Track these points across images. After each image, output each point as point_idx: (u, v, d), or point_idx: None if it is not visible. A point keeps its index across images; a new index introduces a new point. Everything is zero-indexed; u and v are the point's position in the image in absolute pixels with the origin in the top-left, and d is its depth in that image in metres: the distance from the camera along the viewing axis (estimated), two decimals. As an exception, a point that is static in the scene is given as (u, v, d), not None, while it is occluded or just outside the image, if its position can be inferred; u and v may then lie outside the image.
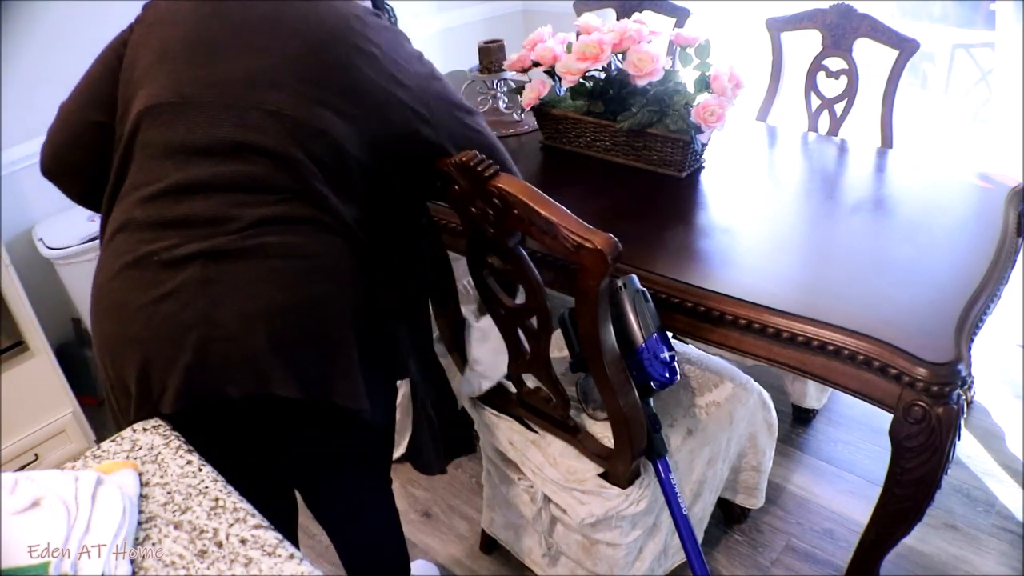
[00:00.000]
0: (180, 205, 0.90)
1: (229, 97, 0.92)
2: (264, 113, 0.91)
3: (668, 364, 1.16)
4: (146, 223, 0.91)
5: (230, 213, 0.90)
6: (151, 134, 0.93)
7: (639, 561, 1.38)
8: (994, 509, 1.72)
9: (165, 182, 0.91)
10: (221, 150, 0.91)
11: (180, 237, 0.89)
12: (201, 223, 0.90)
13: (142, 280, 0.89)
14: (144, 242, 0.90)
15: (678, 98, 1.56)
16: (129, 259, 0.91)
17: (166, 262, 0.89)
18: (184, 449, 0.88)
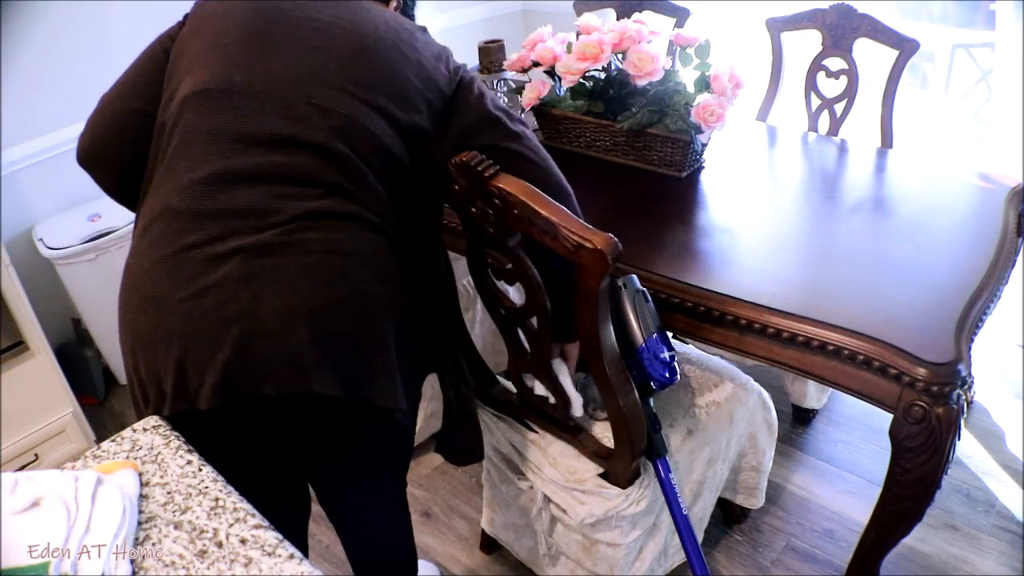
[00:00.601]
0: (222, 195, 0.89)
1: (279, 89, 0.92)
2: (313, 108, 0.92)
3: (668, 364, 1.16)
4: (186, 212, 0.89)
5: (273, 205, 0.89)
6: (196, 119, 0.92)
7: (639, 561, 1.38)
8: (994, 509, 1.72)
9: (207, 169, 0.90)
10: (267, 140, 0.91)
11: (221, 229, 0.88)
12: (243, 215, 0.88)
13: (182, 273, 0.87)
14: (183, 232, 0.89)
15: (678, 98, 1.56)
16: (167, 251, 0.89)
17: (208, 256, 0.87)
18: (184, 449, 0.88)
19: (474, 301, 1.87)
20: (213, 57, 0.95)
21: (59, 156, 2.20)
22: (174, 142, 0.94)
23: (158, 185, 0.94)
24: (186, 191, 0.90)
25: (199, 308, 0.86)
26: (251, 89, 0.92)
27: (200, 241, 0.88)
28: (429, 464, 2.00)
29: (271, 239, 0.88)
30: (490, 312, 1.26)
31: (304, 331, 0.87)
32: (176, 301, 0.87)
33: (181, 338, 0.87)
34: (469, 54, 2.07)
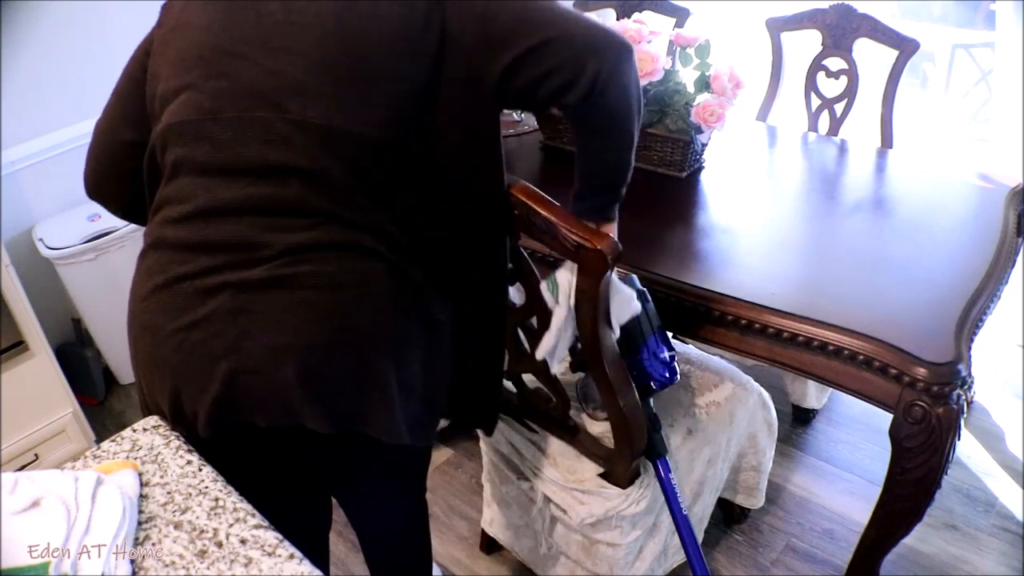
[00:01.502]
0: (209, 228, 0.87)
1: (252, 109, 0.86)
2: (290, 124, 0.85)
3: (668, 364, 1.16)
4: (176, 244, 0.89)
5: (262, 239, 0.86)
6: (179, 151, 0.89)
7: (639, 561, 1.38)
8: (994, 509, 1.72)
9: (193, 204, 0.88)
10: (251, 170, 0.86)
11: (211, 262, 0.86)
12: (232, 249, 0.86)
13: (173, 304, 0.88)
14: (175, 263, 0.88)
15: (678, 98, 1.56)
16: (160, 281, 0.89)
17: (198, 289, 0.86)
18: (184, 449, 0.88)
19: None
20: (181, 82, 0.89)
21: (59, 156, 2.20)
22: (164, 173, 0.92)
23: (155, 211, 0.94)
24: (176, 225, 0.89)
25: (189, 341, 0.86)
26: (225, 114, 0.86)
27: (191, 273, 0.87)
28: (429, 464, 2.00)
29: (260, 274, 0.85)
30: (490, 312, 1.26)
31: (291, 369, 0.85)
32: (168, 332, 0.87)
33: (173, 369, 0.88)
34: (469, 54, 2.07)
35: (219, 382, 0.85)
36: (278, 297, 0.85)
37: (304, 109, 0.85)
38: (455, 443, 2.05)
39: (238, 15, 0.89)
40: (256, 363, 0.85)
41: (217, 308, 0.85)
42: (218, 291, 0.85)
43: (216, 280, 0.85)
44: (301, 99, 0.85)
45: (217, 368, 0.85)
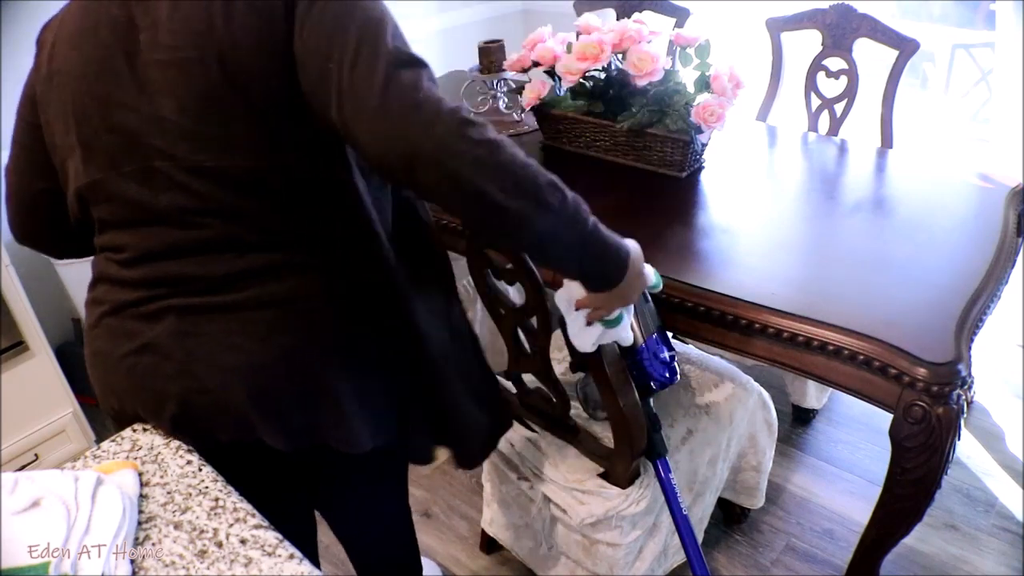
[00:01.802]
0: (146, 269, 0.89)
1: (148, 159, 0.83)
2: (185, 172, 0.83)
3: (668, 364, 1.16)
4: (119, 280, 0.91)
5: (197, 273, 0.87)
6: (99, 210, 0.90)
7: (639, 561, 1.38)
8: (994, 509, 1.72)
9: (128, 253, 0.89)
10: (167, 218, 0.86)
11: (153, 292, 0.88)
12: (171, 283, 0.88)
13: (120, 330, 0.90)
14: (120, 292, 0.91)
15: (678, 98, 1.56)
16: (107, 308, 0.91)
17: (143, 314, 0.88)
18: (184, 449, 0.88)
19: (474, 301, 1.87)
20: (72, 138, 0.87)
21: (59, 156, 2.20)
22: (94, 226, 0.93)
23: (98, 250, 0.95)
24: (119, 265, 0.91)
25: (139, 366, 0.88)
26: (124, 170, 0.85)
27: (134, 301, 0.89)
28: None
29: (202, 300, 0.87)
30: (490, 312, 1.26)
31: (241, 390, 0.86)
32: (118, 358, 0.90)
33: (129, 394, 0.92)
34: (469, 54, 2.07)
35: (175, 403, 0.88)
36: (221, 319, 0.87)
37: (195, 154, 0.82)
38: (455, 443, 2.05)
39: (109, 60, 0.84)
40: (206, 384, 0.86)
41: (162, 332, 0.87)
42: (163, 315, 0.87)
43: (159, 305, 0.88)
44: (188, 144, 0.82)
45: (169, 390, 0.88)
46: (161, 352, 0.87)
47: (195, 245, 0.86)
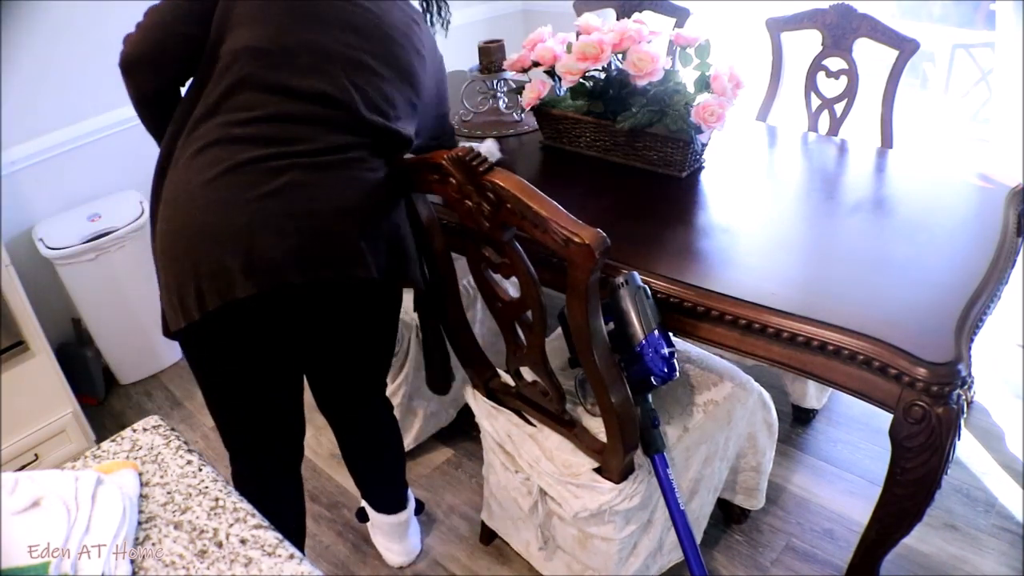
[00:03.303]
0: (274, 128, 1.10)
1: (322, 61, 1.12)
2: (349, 82, 1.13)
3: (667, 360, 1.17)
4: (245, 138, 1.09)
5: (317, 136, 1.11)
6: (252, 69, 1.11)
7: (633, 557, 1.38)
8: (994, 509, 1.72)
9: (263, 110, 1.10)
10: (310, 95, 1.11)
11: (278, 149, 1.09)
12: (294, 141, 1.10)
13: (248, 181, 1.07)
14: (244, 151, 1.08)
15: (678, 98, 1.56)
16: (229, 164, 1.07)
17: (270, 168, 1.07)
18: (184, 449, 0.88)
19: (474, 301, 1.87)
20: (266, 18, 1.12)
21: (59, 156, 2.20)
22: (226, 82, 1.11)
23: (209, 116, 1.12)
24: (245, 124, 1.10)
25: (266, 208, 1.06)
26: (299, 57, 1.11)
27: (261, 157, 1.08)
28: (429, 464, 2.00)
29: (320, 159, 1.10)
30: (488, 306, 1.27)
31: (355, 228, 1.11)
32: (245, 201, 1.06)
33: (251, 231, 1.05)
34: (469, 54, 2.07)
35: (295, 237, 1.07)
36: (335, 175, 1.12)
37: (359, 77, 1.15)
38: (455, 443, 2.05)
39: None
40: (325, 223, 1.09)
41: (288, 182, 1.08)
42: (287, 170, 1.08)
43: (285, 162, 1.08)
44: (359, 70, 1.15)
45: (293, 225, 1.07)
46: (288, 197, 1.07)
47: (322, 118, 1.12)
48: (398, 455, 1.60)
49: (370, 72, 1.16)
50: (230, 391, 1.25)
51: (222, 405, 1.28)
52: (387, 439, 1.55)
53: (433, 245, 1.30)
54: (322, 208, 1.09)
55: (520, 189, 1.02)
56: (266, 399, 1.28)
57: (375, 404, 1.49)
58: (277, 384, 1.28)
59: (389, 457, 1.57)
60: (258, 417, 1.30)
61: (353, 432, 1.51)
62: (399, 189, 1.23)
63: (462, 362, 1.46)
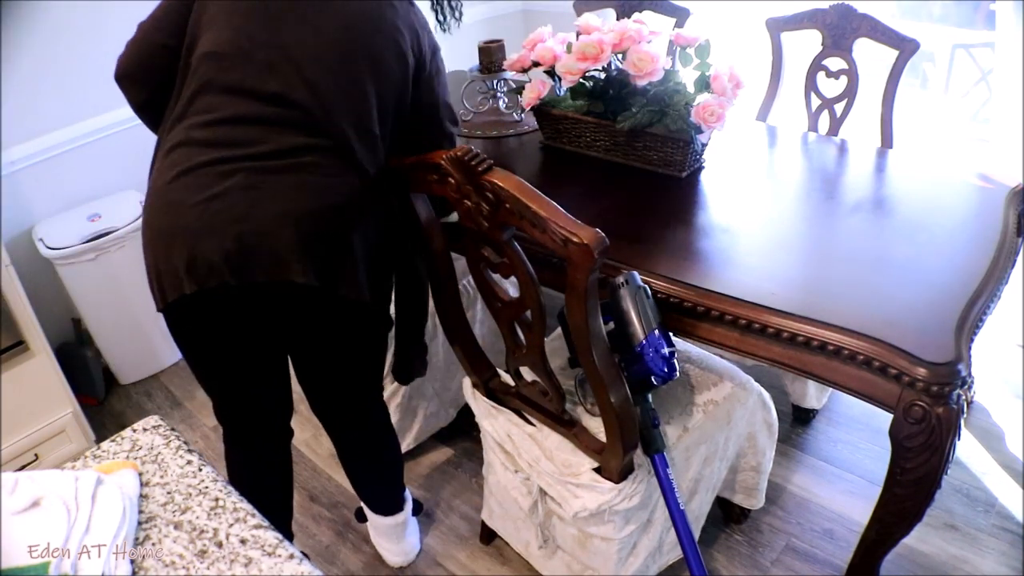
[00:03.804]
0: (232, 130, 1.13)
1: (278, 61, 1.14)
2: (304, 80, 1.14)
3: (668, 360, 1.17)
4: (202, 141, 1.12)
5: (270, 139, 1.13)
6: (212, 73, 1.14)
7: (633, 557, 1.38)
8: (994, 509, 1.72)
9: (220, 113, 1.13)
10: (267, 97, 1.13)
11: (229, 153, 1.11)
12: (247, 144, 1.12)
13: (197, 184, 1.10)
14: (198, 155, 1.12)
15: (678, 98, 1.56)
16: (185, 167, 1.11)
17: (218, 172, 1.10)
18: (184, 449, 0.88)
19: (474, 301, 1.87)
20: (228, 22, 1.15)
21: (59, 156, 2.20)
22: (192, 87, 1.15)
23: (179, 119, 1.16)
24: (203, 128, 1.13)
25: (210, 210, 1.09)
26: (256, 56, 1.13)
27: (212, 160, 1.11)
28: (429, 464, 2.00)
29: (269, 161, 1.12)
30: (488, 306, 1.27)
31: (291, 232, 1.10)
32: (190, 205, 1.10)
33: (194, 233, 1.09)
34: (469, 54, 2.07)
35: (232, 241, 1.08)
36: (282, 179, 1.12)
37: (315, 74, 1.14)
38: (455, 443, 2.05)
39: None
40: (263, 227, 1.10)
41: (233, 185, 1.10)
42: (234, 173, 1.10)
43: (232, 166, 1.11)
44: (315, 67, 1.14)
45: (231, 230, 1.08)
46: (230, 200, 1.09)
47: (277, 119, 1.13)
48: (394, 457, 1.60)
49: (332, 72, 1.15)
50: (207, 372, 1.32)
51: (207, 386, 1.36)
52: (382, 442, 1.55)
53: (433, 245, 1.30)
54: (261, 212, 1.10)
55: (519, 189, 1.02)
56: (241, 386, 1.34)
57: (368, 408, 1.50)
58: (257, 378, 1.33)
59: (384, 459, 1.58)
60: (240, 403, 1.37)
61: (346, 435, 1.52)
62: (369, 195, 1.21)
63: (462, 362, 1.46)
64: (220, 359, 1.28)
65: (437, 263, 1.33)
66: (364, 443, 1.53)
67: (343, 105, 1.16)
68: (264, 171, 1.11)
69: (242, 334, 1.25)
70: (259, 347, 1.30)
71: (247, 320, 1.22)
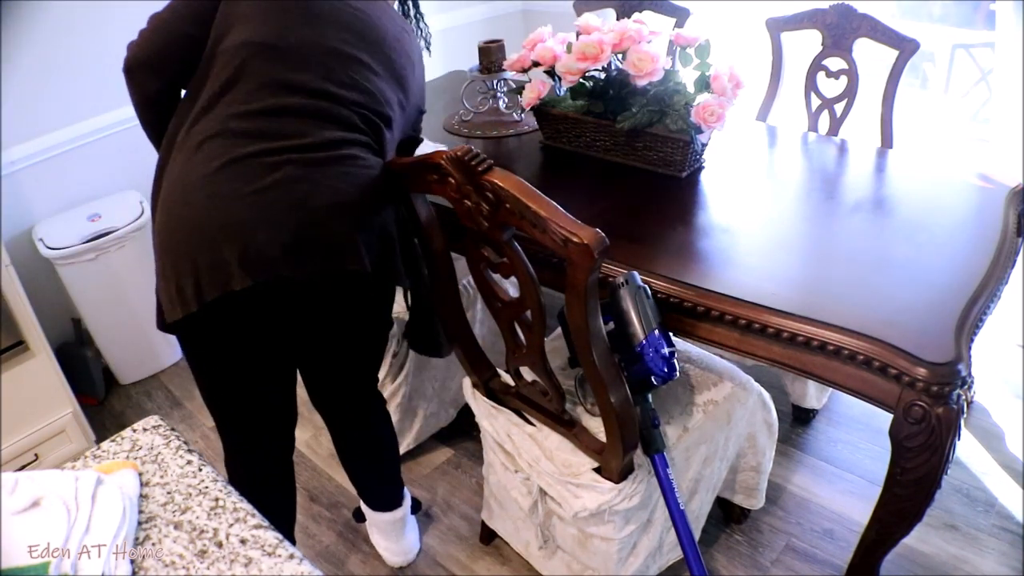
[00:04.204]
0: (272, 122, 1.13)
1: (321, 57, 1.17)
2: (346, 76, 1.18)
3: (668, 360, 1.17)
4: (243, 132, 1.12)
5: (312, 131, 1.14)
6: (252, 63, 1.14)
7: (633, 557, 1.38)
8: (994, 509, 1.72)
9: (261, 104, 1.13)
10: (308, 90, 1.15)
11: (274, 144, 1.12)
12: (292, 136, 1.13)
13: (245, 175, 1.10)
14: (241, 146, 1.11)
15: (678, 98, 1.56)
16: (228, 159, 1.10)
17: (266, 163, 1.10)
18: (184, 449, 0.88)
19: (474, 300, 1.87)
20: (269, 15, 1.17)
21: (59, 156, 2.20)
22: (225, 75, 1.15)
23: (207, 110, 1.15)
24: (243, 118, 1.13)
25: (263, 202, 1.09)
26: (301, 51, 1.16)
27: (258, 151, 1.11)
28: (429, 464, 2.00)
29: (314, 154, 1.13)
30: (488, 306, 1.27)
31: (345, 221, 1.14)
32: (242, 195, 1.09)
33: (249, 225, 1.09)
34: (469, 54, 2.07)
35: (290, 232, 1.10)
36: (329, 170, 1.14)
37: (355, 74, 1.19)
38: (455, 443, 2.05)
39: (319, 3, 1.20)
40: (319, 216, 1.12)
41: (285, 176, 1.11)
42: (282, 165, 1.11)
43: (279, 157, 1.12)
44: (355, 67, 1.20)
45: (290, 219, 1.10)
46: (284, 190, 1.10)
47: (320, 113, 1.16)
48: (393, 451, 1.61)
49: (367, 69, 1.20)
50: (223, 382, 1.29)
51: (215, 395, 1.32)
52: (381, 434, 1.56)
53: (433, 245, 1.30)
54: (316, 203, 1.12)
55: (519, 189, 1.02)
56: (257, 392, 1.32)
57: (368, 398, 1.50)
58: (269, 378, 1.32)
59: (384, 453, 1.58)
60: (250, 409, 1.34)
61: (347, 427, 1.52)
62: (389, 188, 1.25)
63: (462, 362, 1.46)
64: (240, 361, 1.26)
65: (437, 263, 1.33)
66: (365, 435, 1.53)
67: (378, 105, 1.21)
68: (311, 163, 1.13)
69: (265, 333, 1.24)
70: (277, 345, 1.29)
71: (273, 317, 1.22)
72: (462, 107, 2.01)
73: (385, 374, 1.82)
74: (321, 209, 1.12)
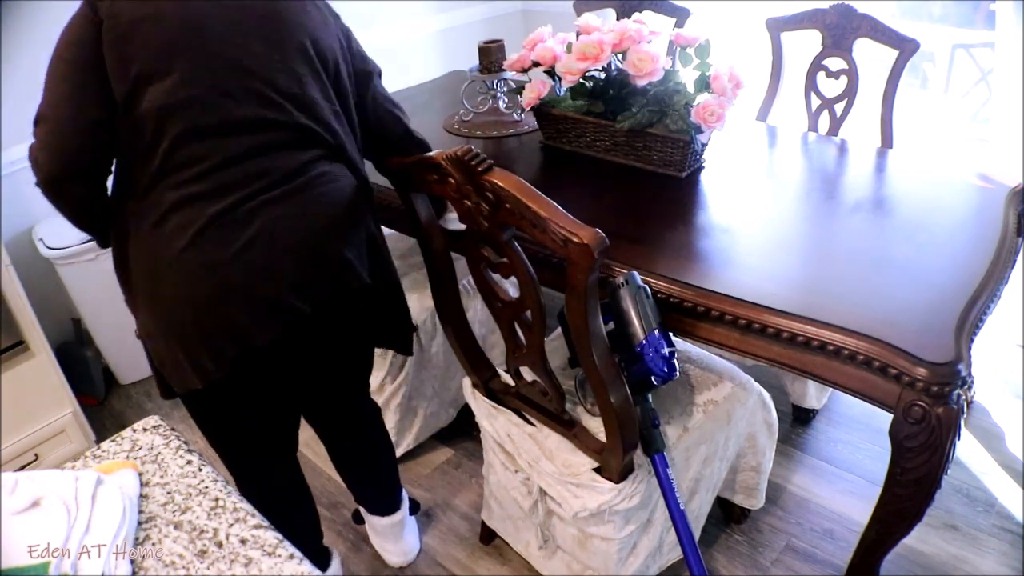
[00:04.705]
0: (235, 169, 1.07)
1: (247, 82, 1.08)
2: (279, 94, 1.10)
3: (668, 360, 1.17)
4: (205, 193, 1.06)
5: (275, 166, 1.10)
6: (183, 124, 1.04)
7: (633, 557, 1.38)
8: (994, 509, 1.72)
9: (212, 160, 1.06)
10: (254, 125, 1.09)
11: (241, 193, 1.07)
12: (254, 178, 1.08)
13: (222, 237, 1.06)
14: (209, 207, 1.06)
15: (678, 98, 1.56)
16: (200, 225, 1.05)
17: (240, 216, 1.07)
18: (184, 449, 0.89)
19: (473, 299, 1.87)
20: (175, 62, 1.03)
21: (59, 156, 2.20)
22: (164, 145, 1.05)
23: (157, 181, 1.06)
24: (199, 179, 1.06)
25: (252, 257, 1.07)
26: (227, 87, 1.06)
27: (227, 207, 1.06)
28: (429, 464, 2.00)
29: (283, 187, 1.11)
30: (488, 306, 1.27)
31: (336, 242, 1.15)
32: (228, 260, 1.06)
33: (247, 284, 1.07)
34: (469, 54, 2.07)
35: (291, 273, 1.10)
36: (305, 197, 1.13)
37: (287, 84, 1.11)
38: (455, 443, 2.05)
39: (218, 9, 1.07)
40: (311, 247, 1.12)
41: (261, 227, 1.08)
42: (257, 211, 1.08)
43: (251, 204, 1.08)
44: (283, 77, 1.11)
45: (285, 265, 1.10)
46: (265, 241, 1.08)
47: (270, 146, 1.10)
48: (388, 456, 1.60)
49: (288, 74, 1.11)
50: (238, 433, 1.29)
51: (229, 444, 1.31)
52: (375, 440, 1.55)
53: (433, 245, 1.30)
54: (303, 236, 1.12)
55: (519, 189, 1.02)
56: (270, 431, 1.32)
57: (360, 405, 1.50)
58: (282, 417, 1.33)
59: (379, 459, 1.58)
60: (262, 447, 1.34)
61: (341, 436, 1.51)
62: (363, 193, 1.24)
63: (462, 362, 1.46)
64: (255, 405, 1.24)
65: (437, 263, 1.33)
66: (359, 442, 1.52)
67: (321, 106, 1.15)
68: (283, 198, 1.10)
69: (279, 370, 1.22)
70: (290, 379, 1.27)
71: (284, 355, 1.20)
72: (462, 107, 2.01)
73: (385, 374, 1.82)
74: (310, 240, 1.12)
